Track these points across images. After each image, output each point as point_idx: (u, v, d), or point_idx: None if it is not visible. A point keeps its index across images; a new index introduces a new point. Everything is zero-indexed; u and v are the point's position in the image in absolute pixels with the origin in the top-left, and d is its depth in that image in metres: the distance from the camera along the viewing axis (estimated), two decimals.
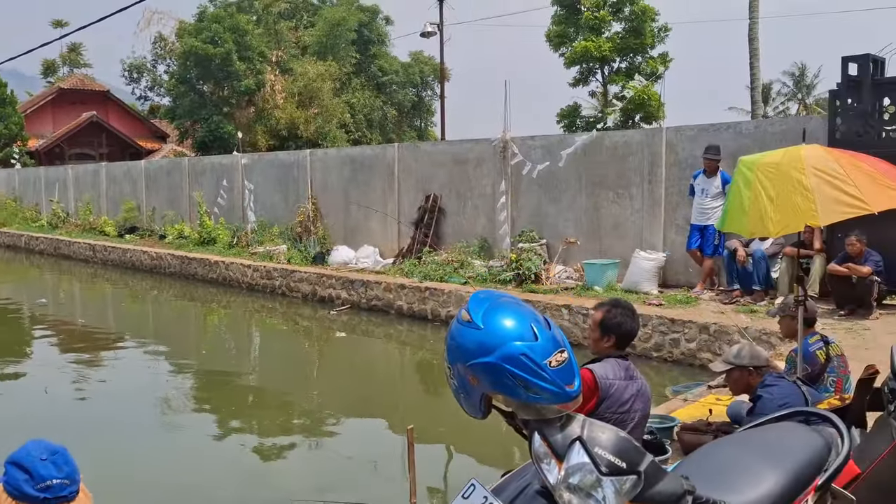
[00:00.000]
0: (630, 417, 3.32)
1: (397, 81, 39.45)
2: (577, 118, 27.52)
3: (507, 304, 1.81)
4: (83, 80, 43.36)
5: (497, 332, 1.74)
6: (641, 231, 10.65)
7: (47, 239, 22.21)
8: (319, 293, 12.93)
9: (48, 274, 19.60)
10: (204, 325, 13.11)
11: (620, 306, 3.54)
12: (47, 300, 15.40)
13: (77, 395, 8.30)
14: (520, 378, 1.70)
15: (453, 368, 1.79)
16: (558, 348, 1.75)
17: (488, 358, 1.71)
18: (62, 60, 48.83)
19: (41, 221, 24.60)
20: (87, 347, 10.82)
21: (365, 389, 8.69)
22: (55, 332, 11.99)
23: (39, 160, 35.16)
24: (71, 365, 9.79)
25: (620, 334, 3.48)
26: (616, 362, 3.42)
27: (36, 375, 9.25)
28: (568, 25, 26.34)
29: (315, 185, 15.40)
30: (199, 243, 17.08)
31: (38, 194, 26.16)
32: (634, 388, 3.38)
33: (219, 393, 8.49)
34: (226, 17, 29.51)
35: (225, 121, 29.90)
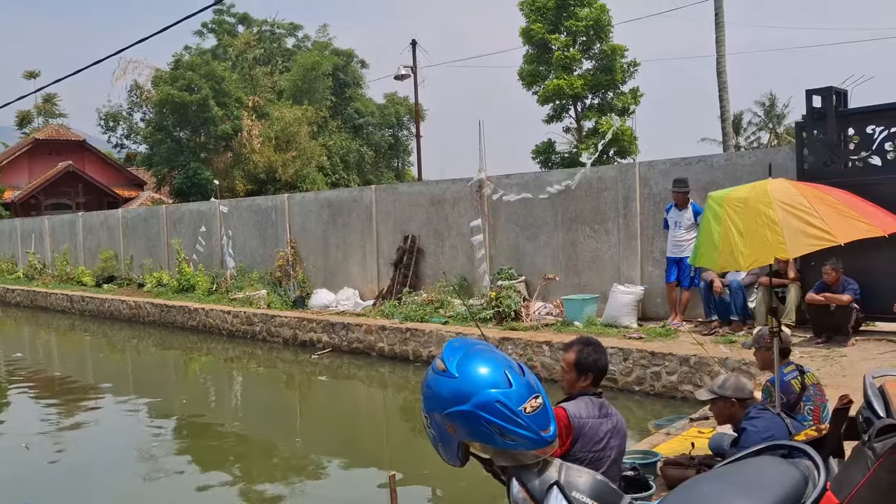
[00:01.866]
0: (606, 455, 3.31)
1: (373, 123, 39.79)
2: (553, 154, 27.84)
3: (480, 352, 1.82)
4: (59, 129, 43.29)
5: (472, 380, 1.75)
6: (619, 265, 10.76)
7: (23, 291, 21.97)
8: (300, 337, 12.87)
9: (25, 326, 19.35)
10: (185, 373, 12.97)
11: (591, 344, 3.53)
12: (24, 353, 15.18)
13: (57, 450, 8.16)
14: (496, 425, 1.71)
15: (430, 418, 1.82)
16: (533, 394, 1.77)
17: (464, 406, 1.72)
18: (37, 111, 48.80)
19: (17, 273, 24.36)
20: (66, 400, 10.66)
21: (348, 433, 8.62)
22: (33, 386, 11.81)
23: (15, 212, 34.90)
24: (50, 419, 9.63)
25: (597, 371, 3.47)
26: (589, 400, 3.40)
27: (14, 431, 9.08)
28: (539, 64, 26.78)
29: (294, 229, 15.41)
30: (179, 291, 16.98)
31: (13, 246, 25.93)
32: (609, 424, 3.37)
33: (200, 442, 8.39)
34: (201, 65, 29.74)
35: (202, 167, 29.95)
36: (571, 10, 26.10)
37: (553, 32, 26.23)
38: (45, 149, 40.13)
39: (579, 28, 25.71)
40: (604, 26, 26.09)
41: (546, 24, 26.20)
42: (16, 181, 38.57)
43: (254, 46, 35.95)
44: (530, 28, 26.43)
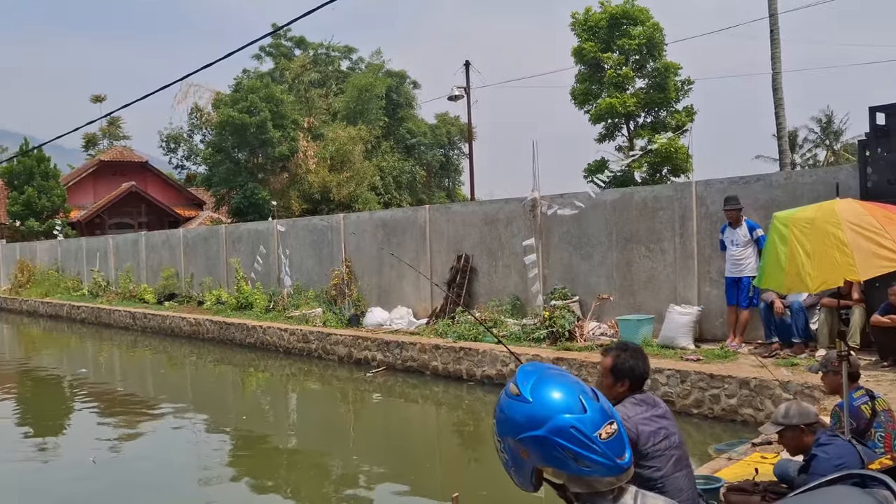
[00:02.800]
0: (672, 444, 3.32)
1: (425, 143, 40.14)
2: (605, 173, 27.68)
3: (554, 377, 1.82)
4: (122, 151, 44.76)
5: (546, 405, 1.74)
6: (675, 285, 10.63)
7: (88, 308, 22.66)
8: (355, 355, 13.01)
9: (89, 343, 19.93)
10: (243, 389, 13.20)
11: (629, 349, 3.51)
12: (88, 369, 15.64)
13: (120, 464, 8.40)
14: (570, 451, 1.69)
15: (503, 442, 1.79)
16: (608, 420, 1.75)
17: (538, 431, 1.72)
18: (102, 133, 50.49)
19: (82, 291, 25.15)
20: (129, 415, 10.95)
21: (404, 452, 8.67)
22: (97, 402, 12.15)
23: (81, 231, 36.12)
24: (113, 433, 9.91)
25: (634, 378, 3.45)
26: (632, 400, 3.41)
27: (81, 445, 9.37)
28: (592, 83, 26.75)
29: (349, 249, 15.63)
30: (237, 308, 17.34)
31: (79, 264, 26.80)
32: (659, 412, 3.38)
33: (258, 458, 8.53)
34: (261, 88, 30.46)
35: (259, 187, 30.58)
36: (624, 29, 26.05)
37: (605, 51, 26.20)
38: (110, 170, 41.55)
39: (632, 46, 25.62)
40: (657, 44, 25.96)
41: (598, 42, 26.18)
42: (82, 201, 39.98)
43: (310, 69, 36.71)
44: (582, 47, 26.44)
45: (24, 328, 24.23)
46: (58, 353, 18.92)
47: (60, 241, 29.77)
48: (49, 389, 13.82)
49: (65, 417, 11.47)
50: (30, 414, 11.74)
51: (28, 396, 13.39)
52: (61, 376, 15.12)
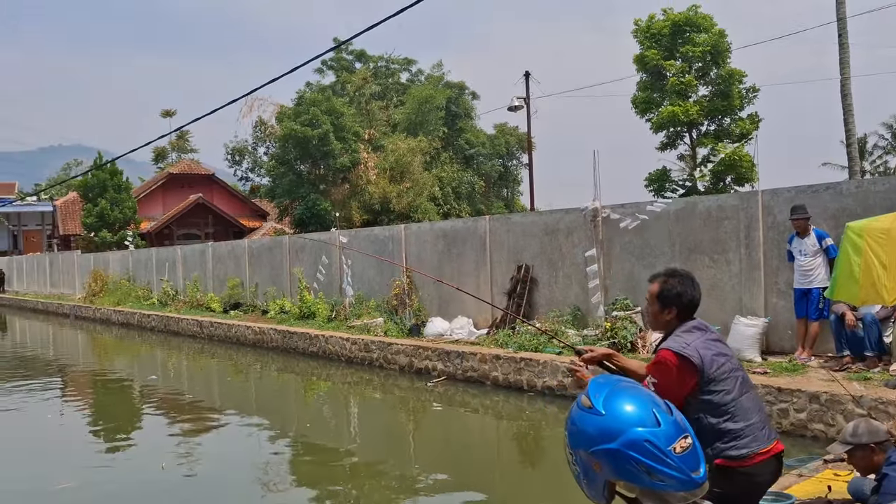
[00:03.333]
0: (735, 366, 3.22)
1: (484, 153, 40.24)
2: (667, 182, 27.31)
3: (626, 389, 1.82)
4: (190, 164, 46.11)
5: (619, 418, 1.73)
6: (741, 296, 10.42)
7: (158, 316, 23.36)
8: (416, 365, 13.10)
9: (158, 350, 20.54)
10: (305, 398, 13.43)
11: (678, 275, 3.38)
12: (157, 376, 16.12)
13: (188, 470, 8.64)
14: (643, 465, 1.68)
15: (575, 454, 1.79)
16: (682, 434, 1.73)
17: (611, 445, 1.70)
18: (171, 147, 52.09)
19: (152, 300, 25.94)
20: (196, 421, 11.26)
21: (465, 462, 8.69)
22: (165, 408, 12.53)
23: (151, 241, 37.30)
24: (181, 439, 10.20)
25: (682, 305, 3.32)
26: (682, 328, 3.29)
27: (151, 450, 9.67)
28: (653, 91, 26.44)
29: (410, 259, 15.77)
30: (300, 318, 17.66)
31: (149, 274, 27.67)
32: (713, 336, 3.28)
33: (320, 465, 8.67)
34: (322, 101, 31.00)
35: (321, 198, 31.10)
36: (687, 36, 25.70)
37: (668, 59, 25.89)
38: (178, 182, 42.85)
39: (696, 54, 25.26)
40: (721, 51, 25.53)
41: (661, 50, 25.89)
42: (151, 213, 41.32)
43: (370, 82, 37.23)
44: (644, 55, 26.18)
45: (97, 336, 25.11)
46: (129, 361, 19.55)
47: (132, 252, 30.78)
48: (121, 395, 14.30)
49: (136, 423, 11.84)
50: (102, 419, 12.17)
51: (101, 402, 13.88)
52: (132, 383, 15.63)
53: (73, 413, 12.90)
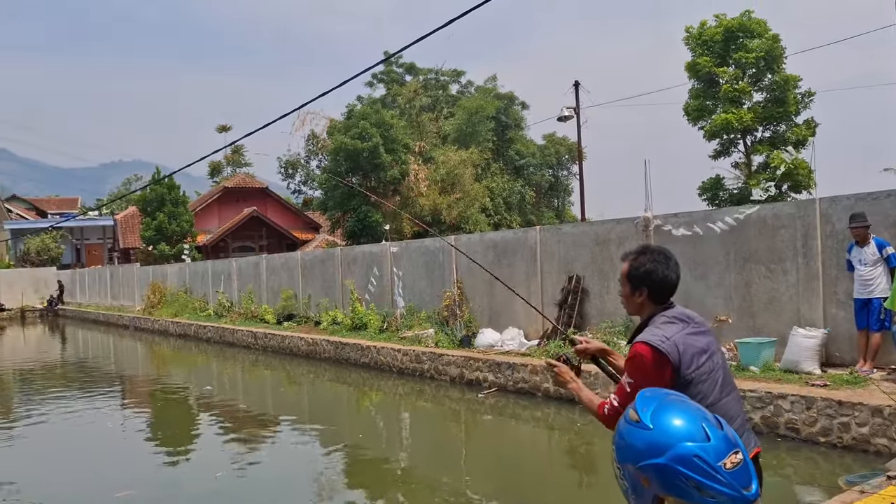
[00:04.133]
0: (715, 365, 2.94)
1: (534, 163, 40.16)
2: (721, 191, 26.84)
3: (675, 403, 1.80)
4: (245, 178, 47.06)
5: (667, 432, 1.71)
6: (798, 307, 10.19)
7: (214, 327, 23.85)
8: (467, 376, 13.12)
9: (214, 361, 20.95)
10: (358, 408, 13.55)
11: (649, 252, 3.13)
12: (213, 386, 16.44)
13: (242, 479, 8.79)
14: (693, 480, 1.65)
15: (623, 469, 1.78)
16: (733, 449, 1.70)
17: (659, 459, 1.68)
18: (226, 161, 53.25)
19: (208, 311, 26.50)
20: (250, 431, 11.45)
21: (516, 474, 8.67)
22: (221, 417, 12.77)
23: (207, 254, 38.15)
24: (236, 449, 10.39)
25: (653, 284, 3.06)
26: (663, 317, 3.03)
27: (207, 460, 9.89)
28: (706, 98, 26.06)
29: (460, 270, 15.82)
30: (352, 329, 17.84)
31: (205, 286, 28.28)
32: (697, 328, 3.00)
33: (372, 475, 8.73)
34: (372, 114, 31.35)
35: (373, 210, 31.39)
36: (740, 42, 25.29)
37: (721, 65, 25.49)
38: (233, 196, 43.77)
39: (749, 60, 24.82)
40: (776, 57, 25.03)
41: (713, 57, 25.52)
42: (207, 226, 42.27)
43: (420, 94, 37.52)
44: (696, 62, 25.84)
45: (156, 346, 25.75)
46: (186, 371, 20.00)
47: (188, 264, 31.51)
48: (178, 405, 14.63)
49: (192, 432, 12.11)
50: (160, 428, 12.47)
51: (159, 411, 14.22)
52: (189, 393, 15.98)
53: (132, 422, 13.25)
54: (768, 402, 8.52)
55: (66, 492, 8.35)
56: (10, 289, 45.00)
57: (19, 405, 14.93)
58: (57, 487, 8.53)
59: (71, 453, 10.47)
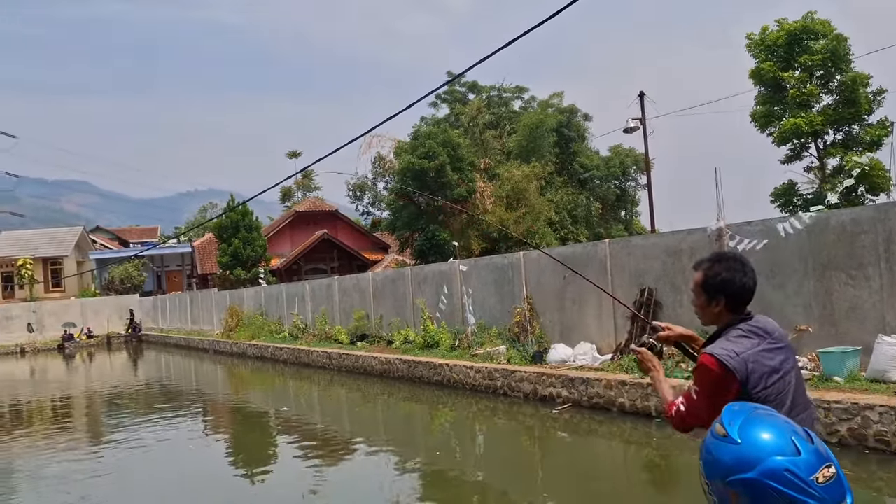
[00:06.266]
0: (787, 385, 2.82)
1: (599, 175, 39.84)
2: (794, 196, 26.14)
3: (763, 417, 1.78)
4: (315, 202, 48.11)
5: (756, 446, 1.69)
6: (883, 314, 9.86)
7: (289, 349, 24.39)
8: (540, 392, 13.10)
9: (290, 381, 21.41)
10: (432, 426, 13.67)
11: (725, 260, 3.01)
12: (290, 407, 16.82)
13: (322, 500, 8.99)
14: (785, 496, 1.63)
15: (711, 484, 1.76)
16: (824, 463, 1.66)
17: (749, 474, 1.66)
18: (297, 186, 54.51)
19: (284, 333, 27.11)
20: (328, 450, 11.66)
21: (593, 491, 8.62)
22: (298, 437, 13.05)
23: (280, 277, 39.08)
24: (314, 468, 10.62)
25: (730, 294, 2.95)
26: (738, 330, 2.91)
27: (286, 479, 10.14)
28: (773, 104, 25.50)
29: (530, 286, 15.84)
30: (424, 347, 18.02)
31: (280, 308, 28.96)
32: (774, 344, 2.88)
33: (449, 493, 8.81)
34: (438, 133, 31.70)
35: (440, 229, 31.66)
36: (805, 45, 24.68)
37: (786, 70, 24.93)
38: (304, 220, 44.80)
39: (815, 62, 24.20)
40: (842, 56, 24.33)
41: (777, 61, 24.98)
42: (280, 250, 43.33)
43: (483, 112, 37.75)
44: (760, 68, 25.33)
45: (234, 368, 26.47)
46: (264, 392, 20.50)
47: (263, 288, 32.33)
48: (257, 426, 15.03)
49: (271, 452, 12.42)
50: (241, 449, 12.84)
51: (239, 432, 14.63)
52: (267, 413, 16.39)
53: (215, 443, 13.69)
54: (855, 413, 8.27)
55: None
56: (96, 316, 46.95)
57: (108, 428, 15.58)
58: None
59: (155, 473, 10.87)
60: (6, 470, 11.87)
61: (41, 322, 45.51)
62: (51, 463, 11.79)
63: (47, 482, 10.42)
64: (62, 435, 15.06)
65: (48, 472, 11.09)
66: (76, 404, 20.31)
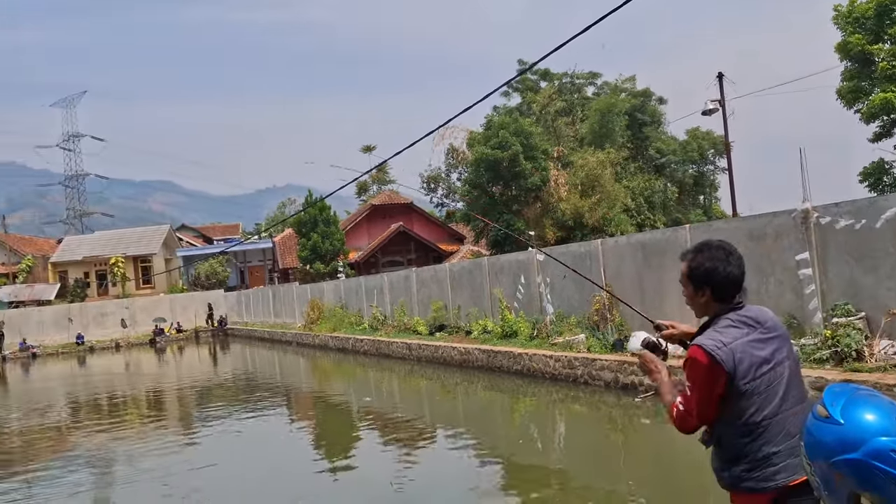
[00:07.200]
0: (777, 376, 2.75)
1: (676, 160, 39.03)
2: (885, 175, 25.03)
3: (865, 397, 1.76)
4: (390, 195, 48.74)
5: (859, 426, 1.67)
6: None
7: (369, 340, 24.85)
8: (622, 380, 13.02)
9: (371, 372, 21.82)
10: (512, 415, 13.75)
11: (709, 249, 2.97)
12: (372, 398, 17.16)
13: (409, 487, 9.18)
14: (891, 476, 1.61)
15: (814, 465, 1.76)
16: None
17: (853, 455, 1.65)
18: (372, 180, 55.28)
19: (364, 325, 27.62)
20: (410, 440, 11.85)
21: (679, 480, 8.55)
22: (381, 427, 13.32)
23: (359, 270, 39.79)
24: (397, 457, 10.81)
25: (714, 283, 2.90)
26: (727, 320, 2.85)
27: (371, 468, 10.38)
28: (861, 79, 24.43)
29: (608, 273, 15.71)
30: (502, 337, 18.10)
31: (359, 301, 29.51)
32: (765, 334, 2.82)
33: (532, 483, 8.84)
34: (510, 123, 31.63)
35: (515, 218, 31.61)
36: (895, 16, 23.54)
37: (875, 42, 23.83)
38: (380, 213, 45.46)
39: None
40: None
41: (866, 34, 23.90)
42: (358, 243, 44.09)
43: (555, 99, 37.45)
44: (848, 41, 24.28)
45: (317, 360, 27.15)
46: (346, 383, 20.98)
47: (343, 281, 32.98)
48: (341, 416, 15.40)
49: (355, 442, 12.69)
50: (327, 439, 13.20)
51: (324, 422, 15.04)
52: (350, 404, 16.78)
53: (300, 433, 14.13)
54: None
55: (245, 499, 9.02)
56: (184, 311, 48.82)
57: (200, 420, 16.25)
58: (237, 495, 9.26)
59: (246, 463, 11.28)
60: (108, 460, 12.56)
61: (133, 318, 47.61)
62: (148, 454, 12.40)
63: (146, 474, 10.96)
64: (158, 427, 15.82)
65: (145, 464, 11.65)
66: (169, 396, 21.23)
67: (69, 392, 24.46)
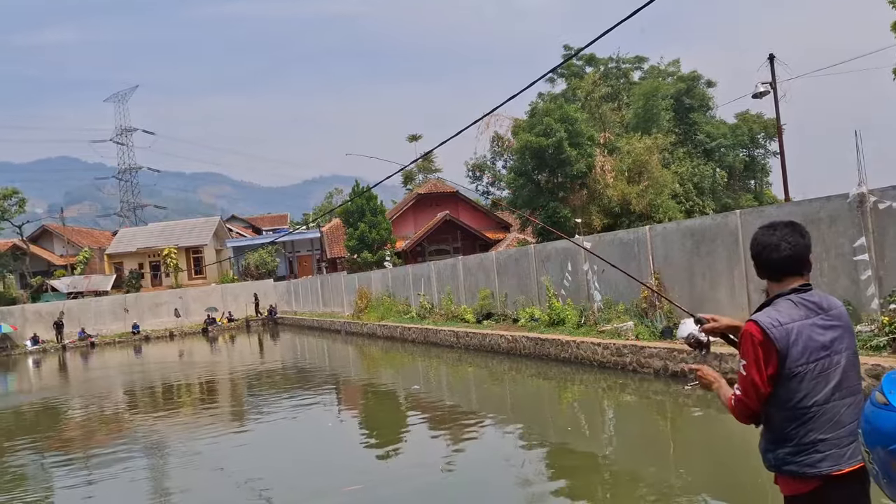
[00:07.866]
0: (832, 363, 2.71)
1: (725, 144, 38.31)
2: None
3: None
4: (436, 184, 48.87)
5: None
6: None
7: (417, 329, 25.02)
8: (671, 368, 12.90)
9: (419, 360, 21.97)
10: (560, 403, 13.73)
11: (758, 231, 2.94)
12: (420, 385, 17.28)
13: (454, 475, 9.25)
14: None
15: (872, 453, 1.75)
16: None
17: None
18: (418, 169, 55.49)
19: (411, 313, 27.81)
20: (458, 428, 11.92)
21: (728, 469, 8.46)
22: (429, 414, 13.42)
23: (405, 259, 40.06)
24: (446, 444, 10.91)
25: (765, 265, 2.87)
26: (789, 301, 2.79)
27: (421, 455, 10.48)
28: None
29: (657, 261, 15.54)
30: (549, 324, 18.06)
31: (407, 289, 29.70)
32: (825, 320, 2.76)
33: (581, 470, 8.85)
34: (555, 110, 31.40)
35: (561, 205, 31.43)
36: None
37: None
38: (426, 202, 45.63)
39: None
40: None
41: None
42: (404, 232, 44.36)
43: (600, 84, 37.04)
44: None
45: (365, 349, 27.44)
46: (394, 371, 21.16)
47: (390, 270, 33.21)
48: (390, 404, 15.56)
49: (404, 429, 12.80)
50: (376, 426, 13.35)
51: (373, 410, 15.22)
52: (399, 392, 16.94)
53: (351, 420, 14.33)
54: None
55: (299, 485, 9.20)
56: (235, 301, 49.77)
57: (252, 406, 16.60)
58: (291, 481, 9.45)
59: (297, 450, 11.50)
60: (165, 445, 12.94)
61: (186, 307, 48.70)
62: (202, 437, 12.74)
63: (200, 457, 11.28)
64: (212, 412, 16.21)
65: (199, 446, 11.98)
66: (222, 383, 21.72)
67: (128, 379, 25.20)
